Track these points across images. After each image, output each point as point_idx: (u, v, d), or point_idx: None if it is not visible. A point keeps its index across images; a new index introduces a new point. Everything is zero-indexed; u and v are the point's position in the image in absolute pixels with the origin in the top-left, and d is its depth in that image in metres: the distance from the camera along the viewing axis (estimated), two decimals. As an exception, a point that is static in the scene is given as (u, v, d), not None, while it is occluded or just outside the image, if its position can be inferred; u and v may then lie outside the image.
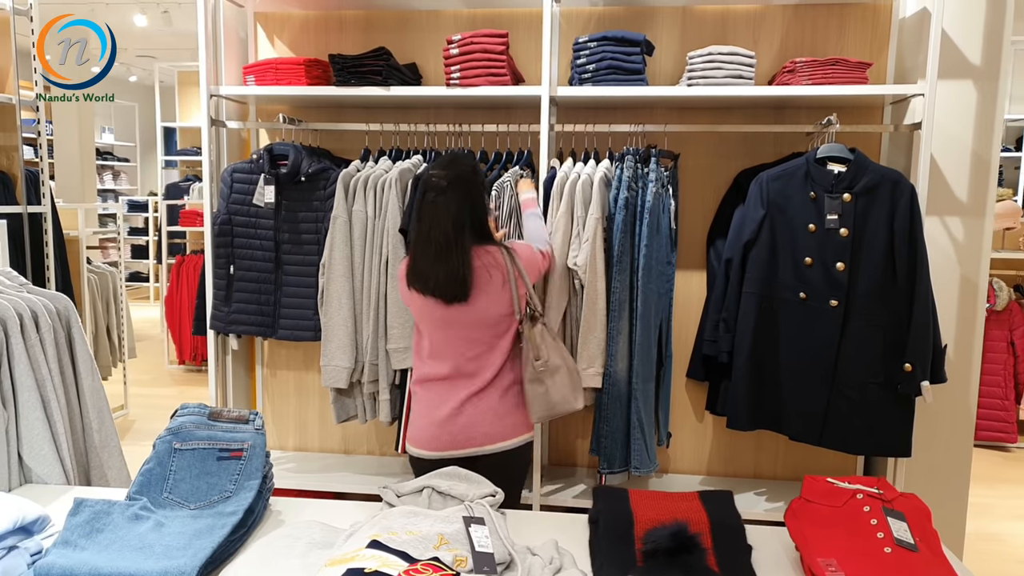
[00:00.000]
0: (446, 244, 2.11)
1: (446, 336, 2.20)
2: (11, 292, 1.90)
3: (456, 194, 2.13)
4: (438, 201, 2.13)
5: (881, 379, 2.48)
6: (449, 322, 2.17)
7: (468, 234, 2.13)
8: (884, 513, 1.44)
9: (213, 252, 2.89)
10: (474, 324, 2.17)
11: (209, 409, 1.69)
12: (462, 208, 2.12)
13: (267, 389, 3.34)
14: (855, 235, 2.47)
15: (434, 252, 2.12)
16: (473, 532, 1.33)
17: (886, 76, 2.83)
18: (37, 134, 3.60)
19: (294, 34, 3.16)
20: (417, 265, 2.17)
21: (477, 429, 2.18)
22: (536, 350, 2.18)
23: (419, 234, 2.18)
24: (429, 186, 2.16)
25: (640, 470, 2.67)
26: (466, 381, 2.19)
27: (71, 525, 1.39)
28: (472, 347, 2.18)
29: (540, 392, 2.21)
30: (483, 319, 2.16)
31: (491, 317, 2.17)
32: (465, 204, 2.13)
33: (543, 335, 2.21)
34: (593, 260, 2.59)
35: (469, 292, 2.12)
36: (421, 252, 2.16)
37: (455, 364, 2.20)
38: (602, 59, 2.64)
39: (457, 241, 2.11)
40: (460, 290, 2.12)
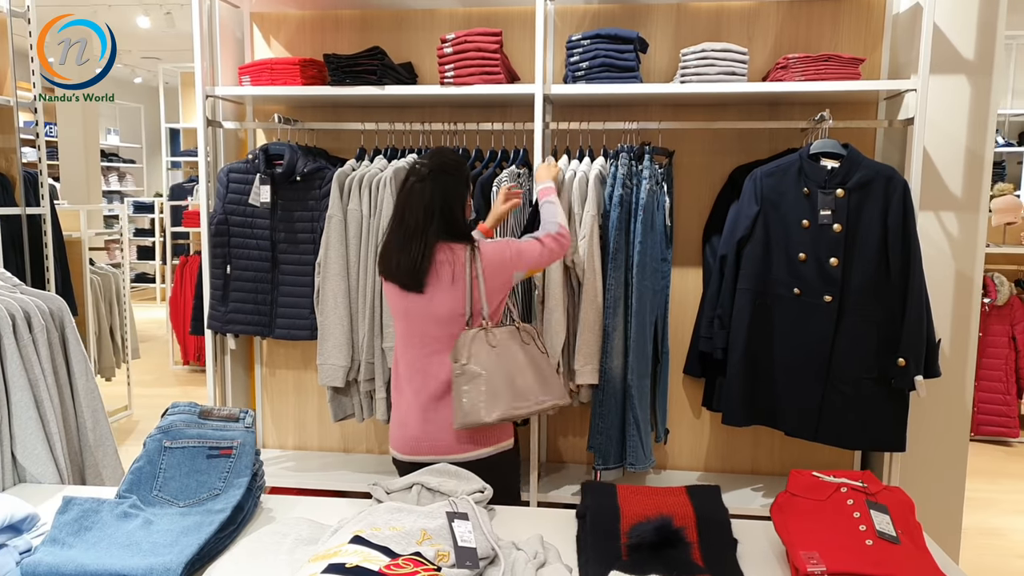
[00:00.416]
0: (413, 231, 2.12)
1: (406, 328, 2.20)
2: (4, 293, 1.92)
3: (434, 184, 2.13)
4: (415, 188, 2.14)
5: (875, 374, 2.48)
6: (407, 312, 2.17)
7: (436, 225, 2.12)
8: (867, 506, 1.44)
9: (210, 252, 2.91)
10: (428, 318, 2.15)
11: (200, 407, 1.71)
12: (435, 198, 2.13)
13: (266, 388, 3.36)
14: (848, 231, 2.47)
15: (401, 237, 2.13)
16: (456, 527, 1.34)
17: (880, 72, 2.82)
18: (36, 135, 3.63)
19: (290, 34, 3.17)
20: (386, 248, 2.19)
21: (441, 438, 2.15)
22: (456, 353, 2.11)
23: (393, 218, 2.21)
24: (411, 172, 2.18)
25: (636, 466, 2.68)
26: (423, 379, 2.16)
27: (59, 523, 1.40)
28: (427, 344, 2.16)
29: (457, 394, 2.10)
30: (436, 315, 2.14)
31: (443, 314, 2.13)
32: (439, 195, 2.13)
33: (475, 339, 2.11)
34: (590, 257, 2.60)
35: (424, 283, 2.11)
36: (391, 235, 2.18)
37: (411, 359, 2.19)
38: (595, 57, 2.64)
39: (424, 230, 2.11)
40: (414, 279, 2.11)
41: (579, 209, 2.62)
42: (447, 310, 2.13)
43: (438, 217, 2.13)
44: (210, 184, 2.97)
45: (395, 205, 2.23)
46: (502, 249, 2.20)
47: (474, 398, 2.08)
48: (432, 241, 2.12)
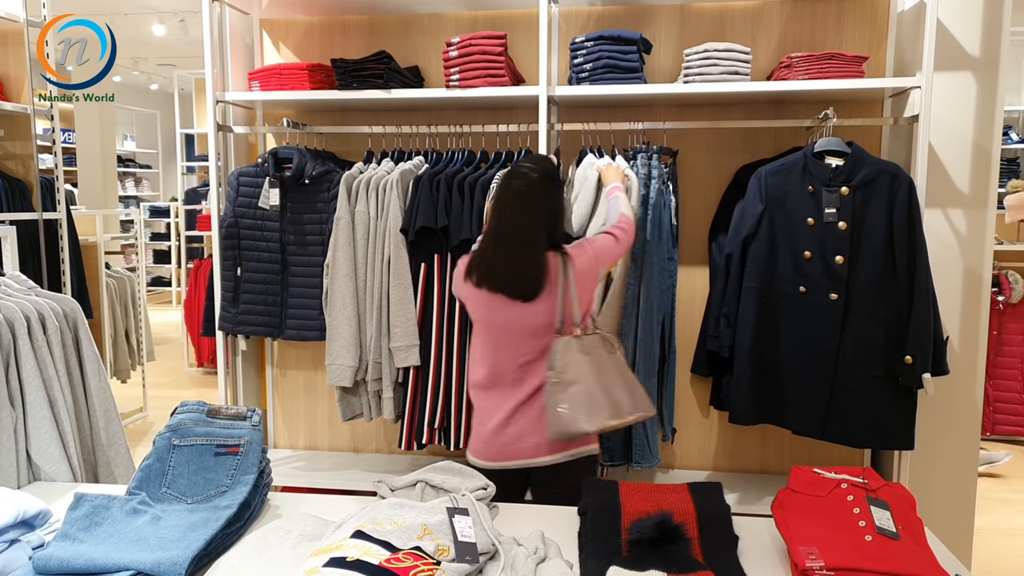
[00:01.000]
0: (526, 239, 2.07)
1: (495, 338, 2.16)
2: (19, 295, 1.96)
3: (543, 190, 2.10)
4: (522, 192, 2.09)
5: (882, 372, 2.47)
6: (499, 322, 2.14)
7: (547, 233, 2.10)
8: (867, 502, 1.45)
9: (220, 254, 2.95)
10: (525, 329, 2.12)
11: (208, 406, 1.74)
12: (547, 205, 2.10)
13: (277, 389, 3.40)
14: (854, 228, 2.47)
15: (511, 245, 2.08)
16: (456, 523, 1.36)
17: (885, 70, 2.82)
18: (52, 142, 3.69)
19: (299, 40, 3.21)
20: (486, 256, 2.12)
21: (527, 440, 2.14)
22: (552, 360, 2.09)
23: (494, 223, 2.13)
24: (517, 175, 2.12)
25: (641, 464, 2.69)
26: (512, 390, 2.15)
27: (71, 519, 1.44)
28: (522, 354, 2.14)
29: (552, 404, 2.09)
30: (533, 325, 2.12)
31: (540, 325, 2.11)
32: (549, 201, 2.11)
33: (568, 347, 2.09)
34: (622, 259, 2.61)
35: (538, 293, 2.08)
36: (493, 243, 2.11)
37: (499, 369, 2.16)
38: (599, 58, 2.66)
39: (537, 238, 2.08)
40: (529, 289, 2.08)
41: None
42: (544, 320, 2.11)
43: (549, 225, 2.10)
44: (221, 188, 3.01)
45: (496, 206, 2.16)
46: (585, 251, 2.18)
47: (573, 408, 2.06)
48: (545, 250, 2.09)
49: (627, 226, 2.31)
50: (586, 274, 2.16)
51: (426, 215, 2.65)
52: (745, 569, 1.41)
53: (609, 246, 2.24)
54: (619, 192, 2.43)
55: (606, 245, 2.24)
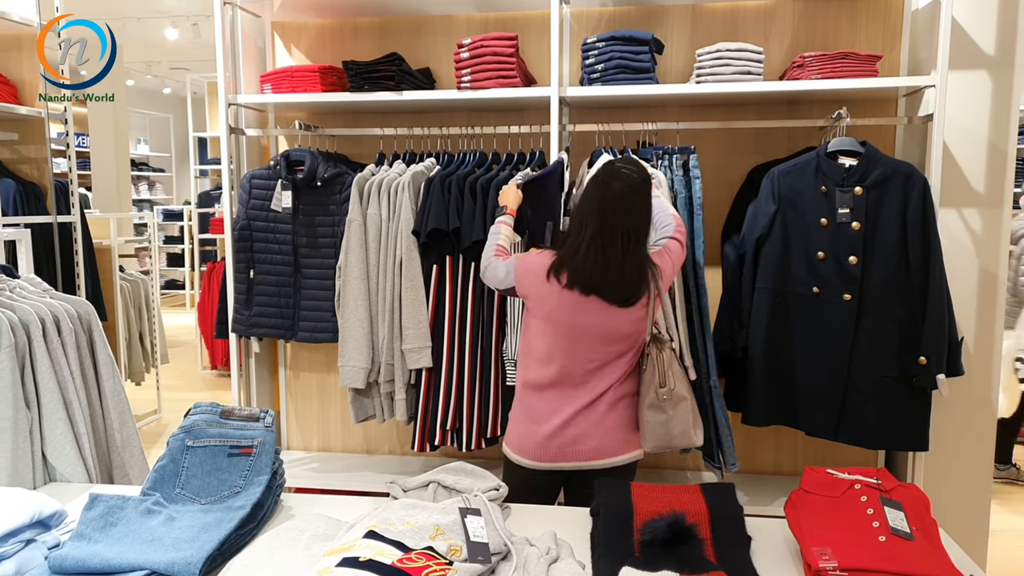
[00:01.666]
0: (631, 241, 2.03)
1: (572, 341, 2.10)
2: (34, 298, 1.98)
3: (645, 194, 2.07)
4: (626, 193, 2.03)
5: (896, 373, 2.46)
6: (586, 327, 2.07)
7: (645, 239, 2.08)
8: (881, 503, 1.44)
9: (233, 257, 2.96)
10: (603, 335, 2.07)
11: (221, 407, 1.75)
12: (648, 209, 2.07)
13: (290, 391, 3.41)
14: (867, 228, 2.45)
15: (616, 248, 2.02)
16: (469, 523, 1.36)
17: (899, 69, 2.80)
18: (66, 146, 3.72)
19: (310, 42, 3.22)
20: (587, 258, 2.03)
21: (587, 443, 2.11)
22: (663, 376, 2.05)
23: (601, 226, 2.03)
24: (618, 177, 2.04)
25: (734, 467, 2.65)
26: (576, 391, 2.11)
27: (86, 519, 1.45)
28: (593, 359, 2.10)
29: (660, 420, 2.06)
30: (617, 331, 2.07)
31: (621, 332, 2.07)
32: (647, 208, 2.08)
33: (671, 361, 2.08)
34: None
35: (640, 296, 2.05)
36: (596, 244, 2.03)
37: (567, 371, 2.11)
38: (610, 59, 2.66)
39: (641, 241, 2.06)
40: (631, 295, 2.04)
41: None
42: (626, 328, 2.08)
43: (645, 229, 2.08)
44: (233, 191, 3.03)
45: (593, 208, 2.06)
46: (665, 259, 2.15)
47: (683, 422, 2.07)
48: (647, 256, 2.07)
49: (683, 227, 2.28)
50: (667, 280, 2.17)
51: (438, 217, 2.65)
52: (758, 570, 1.41)
53: (679, 252, 2.21)
54: (657, 192, 2.34)
55: (678, 250, 2.21)
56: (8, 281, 2.03)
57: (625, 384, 2.14)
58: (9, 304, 1.91)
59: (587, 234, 2.04)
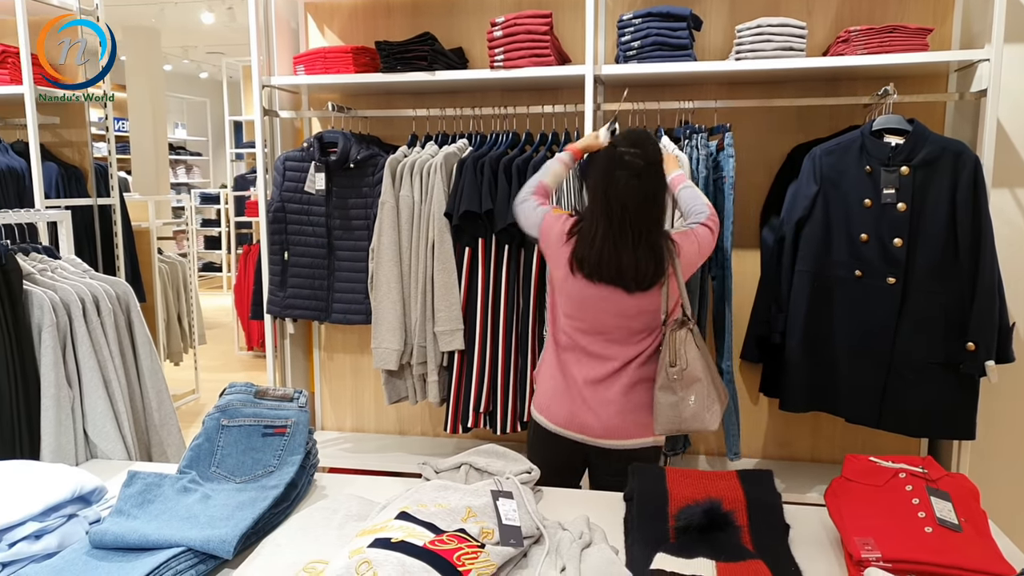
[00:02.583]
0: (645, 231, 2.00)
1: (581, 311, 2.10)
2: (74, 278, 2.01)
3: (652, 179, 2.02)
4: (631, 184, 1.99)
5: (942, 359, 2.38)
6: (605, 309, 2.07)
7: (658, 223, 2.04)
8: (927, 492, 1.39)
9: (268, 239, 2.98)
10: (625, 314, 2.06)
11: (256, 388, 1.75)
12: (655, 195, 2.02)
13: (324, 372, 3.43)
14: (913, 209, 2.37)
15: (631, 239, 1.99)
16: (501, 505, 1.35)
17: (951, 43, 2.70)
18: (106, 129, 3.77)
19: (343, 22, 3.21)
20: (604, 250, 2.01)
21: (596, 419, 2.09)
22: (674, 355, 2.01)
23: (609, 216, 2.01)
24: (623, 165, 2.01)
25: (737, 456, 2.64)
26: (590, 361, 2.10)
27: (124, 496, 1.46)
28: (604, 334, 2.09)
29: (670, 402, 2.02)
30: (635, 310, 2.05)
31: (641, 311, 2.05)
32: (658, 191, 2.03)
33: (686, 341, 2.02)
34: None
35: (658, 282, 2.02)
36: (610, 236, 2.01)
37: (584, 345, 2.11)
38: (647, 36, 2.60)
39: (656, 228, 2.02)
40: (648, 281, 2.02)
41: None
42: (647, 307, 2.05)
43: (658, 214, 2.04)
44: (268, 174, 3.04)
45: (600, 196, 2.04)
46: (691, 240, 2.11)
47: (696, 406, 2.02)
48: (661, 241, 2.03)
49: (716, 217, 2.23)
50: (691, 264, 2.13)
51: (470, 199, 2.63)
52: (797, 559, 1.37)
53: (709, 240, 2.17)
54: (688, 181, 2.33)
55: (705, 237, 2.16)
56: (50, 262, 2.07)
57: (645, 367, 2.10)
58: (51, 284, 1.94)
59: (599, 227, 2.02)
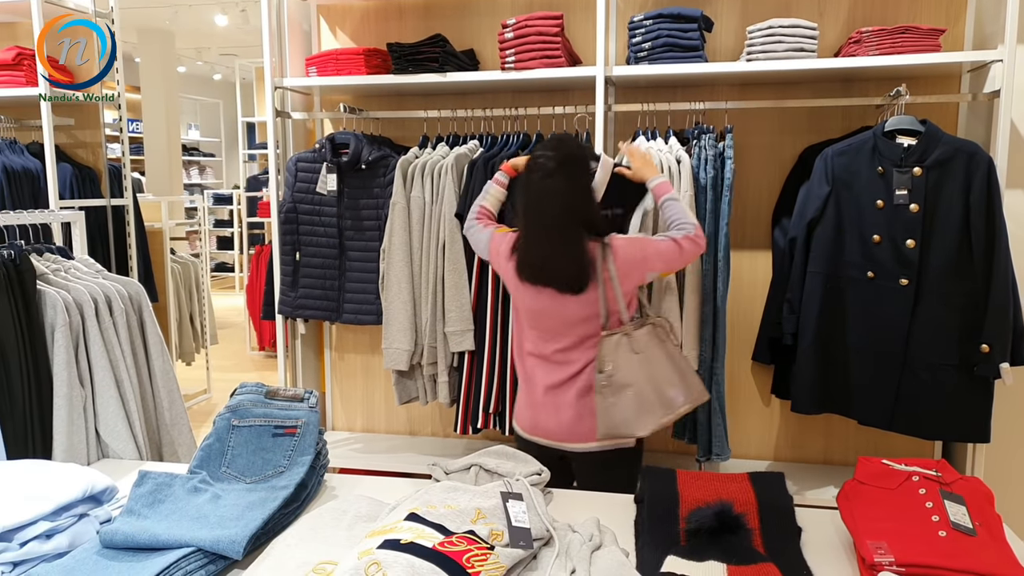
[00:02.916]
0: (560, 231, 2.01)
1: (537, 326, 2.15)
2: (87, 278, 2.02)
3: (566, 179, 2.02)
4: (545, 185, 2.02)
5: (955, 361, 2.36)
6: (542, 312, 2.11)
7: (581, 223, 2.03)
8: (941, 496, 1.38)
9: (280, 239, 2.99)
10: (562, 319, 2.08)
11: (266, 388, 1.76)
12: (572, 194, 2.02)
13: (335, 372, 3.44)
14: (926, 211, 2.36)
15: (549, 239, 2.03)
16: (510, 507, 1.35)
17: (963, 43, 2.68)
18: (119, 131, 3.79)
19: (355, 24, 3.22)
20: (527, 252, 2.07)
21: (558, 422, 2.11)
22: (601, 361, 2.03)
23: (525, 218, 2.08)
24: (535, 168, 2.06)
25: (721, 456, 2.63)
26: (550, 367, 2.13)
27: (135, 495, 1.47)
28: (558, 340, 2.11)
29: (603, 406, 2.05)
30: (576, 316, 2.07)
31: (580, 315, 2.06)
32: (575, 189, 2.03)
33: (617, 347, 2.03)
34: None
35: (588, 284, 2.02)
36: (531, 238, 2.06)
37: (540, 351, 2.15)
38: (658, 37, 2.59)
39: (572, 229, 2.01)
40: (579, 283, 2.03)
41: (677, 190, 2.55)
42: (581, 312, 2.06)
43: (582, 214, 2.03)
44: (280, 175, 3.05)
45: (521, 202, 2.10)
46: (634, 246, 2.09)
47: (624, 411, 2.02)
48: (583, 240, 2.02)
49: (699, 240, 2.14)
50: (630, 268, 2.07)
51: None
52: (809, 562, 1.37)
53: (669, 254, 2.11)
54: (673, 192, 2.26)
55: (669, 251, 2.10)
56: (63, 262, 2.08)
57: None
58: (64, 284, 1.95)
59: (523, 231, 2.10)
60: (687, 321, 2.57)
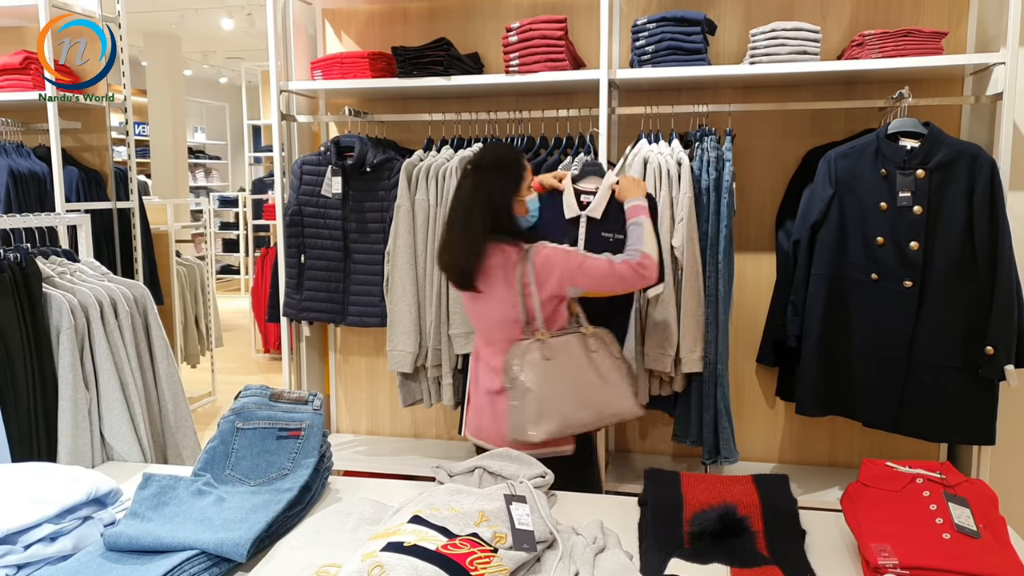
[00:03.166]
0: (462, 229, 2.07)
1: (475, 324, 2.24)
2: (93, 281, 2.03)
3: (481, 180, 2.07)
4: (462, 184, 2.13)
5: (959, 363, 2.36)
6: (471, 310, 2.19)
7: (486, 224, 2.05)
8: (945, 498, 1.38)
9: (285, 242, 3.00)
10: (486, 320, 2.13)
11: (271, 390, 1.76)
12: (481, 195, 2.06)
13: (340, 374, 3.44)
14: (930, 212, 2.36)
15: (451, 235, 2.12)
16: (514, 510, 1.35)
17: (966, 46, 2.68)
18: (126, 134, 3.81)
19: (360, 28, 3.23)
20: (440, 244, 2.22)
21: (496, 427, 2.11)
22: (508, 363, 2.04)
23: (447, 216, 2.20)
24: (464, 168, 2.18)
25: (729, 459, 2.63)
26: (487, 370, 2.14)
27: (139, 498, 1.48)
28: (491, 342, 2.14)
29: (511, 408, 2.04)
30: (492, 318, 2.10)
31: (499, 318, 2.08)
32: (484, 192, 2.06)
33: (528, 351, 2.03)
34: (691, 240, 2.55)
35: (474, 283, 2.07)
36: (444, 232, 2.19)
37: (479, 352, 2.21)
38: (661, 40, 2.60)
39: (471, 228, 2.05)
40: (464, 279, 2.08)
41: (669, 192, 2.56)
42: (501, 314, 2.08)
43: (487, 215, 2.05)
44: (285, 177, 3.06)
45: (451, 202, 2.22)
46: (558, 255, 2.07)
47: (522, 414, 2.02)
48: (482, 240, 2.05)
49: (641, 269, 2.06)
50: (547, 276, 2.05)
51: (485, 202, 2.63)
52: (813, 565, 1.37)
53: (598, 272, 2.05)
54: (642, 217, 2.18)
55: (596, 269, 2.05)
56: (69, 265, 2.09)
57: None
58: (70, 287, 1.96)
59: (444, 224, 2.20)
60: (685, 324, 2.57)
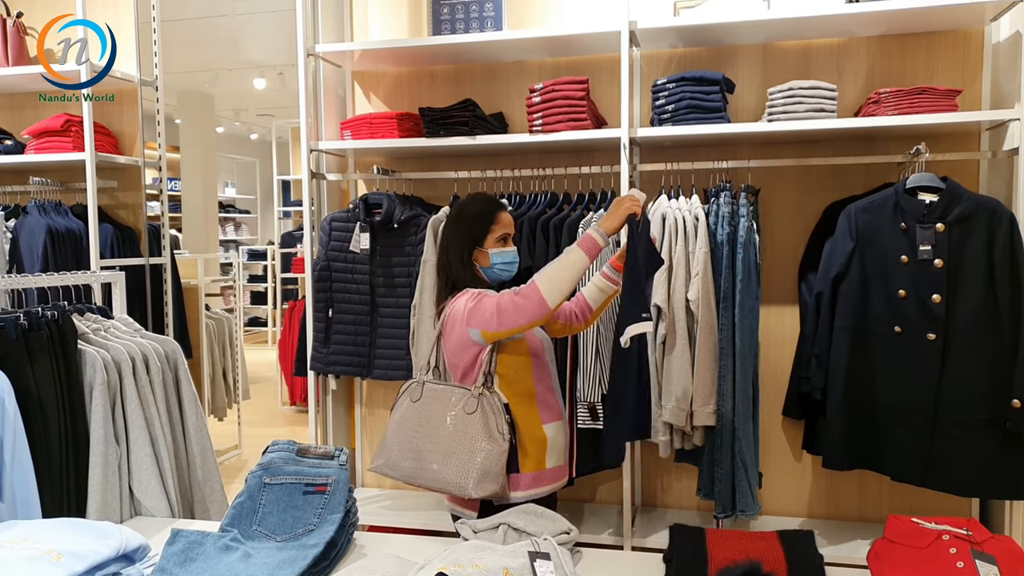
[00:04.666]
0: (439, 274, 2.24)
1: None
2: (126, 337, 2.09)
3: (448, 227, 2.23)
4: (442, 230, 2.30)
5: (986, 416, 2.34)
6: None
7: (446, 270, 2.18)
8: (972, 555, 1.37)
9: (313, 296, 3.06)
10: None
11: (298, 445, 1.80)
12: (444, 243, 2.21)
13: (365, 428, 3.47)
14: (950, 266, 2.36)
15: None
16: (538, 567, 1.36)
17: (981, 103, 2.71)
18: (159, 191, 3.93)
19: (388, 90, 3.34)
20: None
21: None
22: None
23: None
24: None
25: (746, 512, 2.61)
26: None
27: (167, 554, 1.50)
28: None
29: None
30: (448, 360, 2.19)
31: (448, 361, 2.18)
32: (447, 239, 2.20)
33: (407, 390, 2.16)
34: (706, 294, 2.58)
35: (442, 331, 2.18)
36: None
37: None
38: (681, 99, 2.66)
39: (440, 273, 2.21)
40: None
41: (685, 247, 2.61)
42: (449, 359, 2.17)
43: (440, 266, 2.21)
44: (314, 233, 3.14)
45: None
46: (462, 305, 2.06)
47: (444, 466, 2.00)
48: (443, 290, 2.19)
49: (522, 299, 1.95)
50: (451, 325, 2.09)
51: (509, 257, 2.68)
52: (839, 625, 1.35)
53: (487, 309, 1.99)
54: (576, 247, 2.01)
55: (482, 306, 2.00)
56: (103, 321, 2.15)
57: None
58: (103, 343, 2.02)
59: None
60: (699, 377, 2.59)
